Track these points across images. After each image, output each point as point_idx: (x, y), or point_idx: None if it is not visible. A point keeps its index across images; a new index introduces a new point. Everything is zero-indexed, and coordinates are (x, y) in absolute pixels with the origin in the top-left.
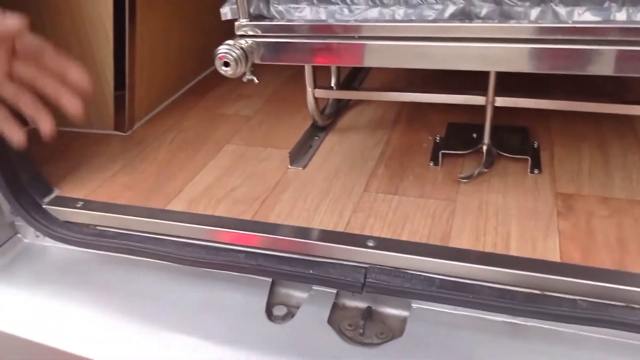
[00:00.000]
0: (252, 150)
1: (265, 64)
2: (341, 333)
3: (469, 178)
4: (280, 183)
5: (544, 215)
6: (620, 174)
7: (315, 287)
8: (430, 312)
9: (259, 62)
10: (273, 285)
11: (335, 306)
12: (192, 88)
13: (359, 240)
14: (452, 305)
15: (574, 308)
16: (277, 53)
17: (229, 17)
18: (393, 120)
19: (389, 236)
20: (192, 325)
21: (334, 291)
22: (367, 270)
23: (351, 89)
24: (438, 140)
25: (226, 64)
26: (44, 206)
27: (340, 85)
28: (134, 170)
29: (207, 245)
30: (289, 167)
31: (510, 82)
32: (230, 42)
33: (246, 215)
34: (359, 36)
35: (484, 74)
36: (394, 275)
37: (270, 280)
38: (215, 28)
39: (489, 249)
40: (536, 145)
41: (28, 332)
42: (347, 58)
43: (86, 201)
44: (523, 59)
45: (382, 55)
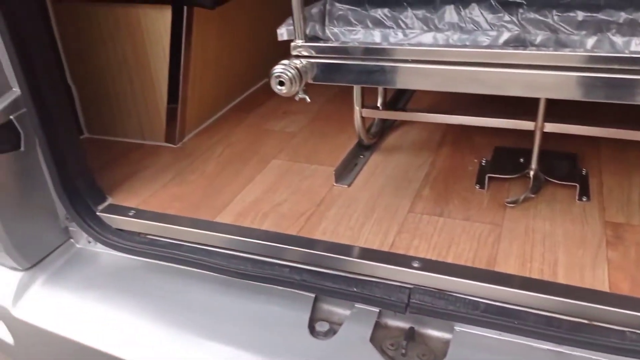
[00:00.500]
0: (298, 166)
1: (310, 82)
2: (383, 352)
3: (516, 203)
4: (326, 200)
5: (592, 244)
6: None
7: (358, 305)
8: (473, 336)
9: (311, 82)
10: (316, 301)
11: (378, 325)
12: (239, 104)
13: (404, 260)
14: (497, 330)
15: (622, 339)
16: (330, 74)
17: (285, 37)
18: (438, 141)
19: (434, 258)
20: (235, 336)
21: (377, 310)
22: (412, 290)
23: (397, 109)
24: (484, 164)
25: (281, 83)
26: (97, 213)
27: (387, 105)
28: (184, 182)
29: (253, 259)
30: (334, 184)
31: (558, 106)
32: (286, 62)
33: (292, 230)
34: (413, 59)
35: (531, 97)
36: (438, 297)
37: (313, 295)
38: (263, 46)
39: (535, 275)
40: (585, 172)
41: (77, 334)
42: (400, 81)
43: (138, 210)
44: (577, 87)
45: (434, 79)
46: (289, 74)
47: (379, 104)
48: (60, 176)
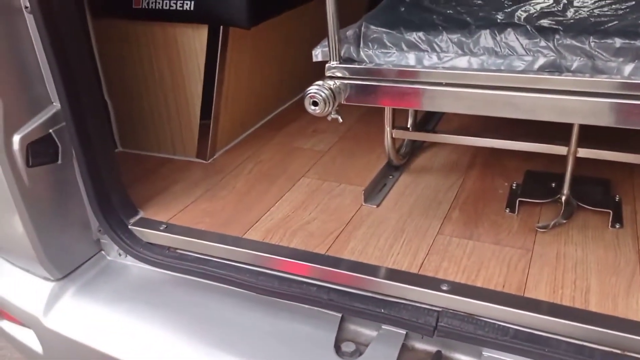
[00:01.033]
0: (327, 185)
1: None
2: None
3: (547, 228)
4: (354, 219)
5: (625, 272)
6: None
7: (385, 327)
8: None
9: (345, 103)
10: (342, 321)
11: (405, 347)
12: (270, 121)
13: (432, 283)
14: (526, 357)
15: None
16: (363, 95)
17: (320, 58)
18: (468, 163)
19: (463, 281)
20: (261, 353)
21: (404, 332)
22: (440, 314)
23: (428, 130)
24: (514, 187)
25: (315, 104)
26: (129, 227)
27: (417, 126)
28: (214, 197)
29: (281, 276)
30: (363, 204)
31: (590, 130)
32: (320, 82)
33: (320, 249)
34: (447, 83)
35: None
36: (467, 321)
37: (340, 315)
38: (294, 65)
39: (566, 302)
40: (618, 199)
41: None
42: (433, 103)
43: (169, 225)
44: (612, 114)
45: (467, 102)
46: (323, 94)
47: (409, 125)
48: (94, 189)
